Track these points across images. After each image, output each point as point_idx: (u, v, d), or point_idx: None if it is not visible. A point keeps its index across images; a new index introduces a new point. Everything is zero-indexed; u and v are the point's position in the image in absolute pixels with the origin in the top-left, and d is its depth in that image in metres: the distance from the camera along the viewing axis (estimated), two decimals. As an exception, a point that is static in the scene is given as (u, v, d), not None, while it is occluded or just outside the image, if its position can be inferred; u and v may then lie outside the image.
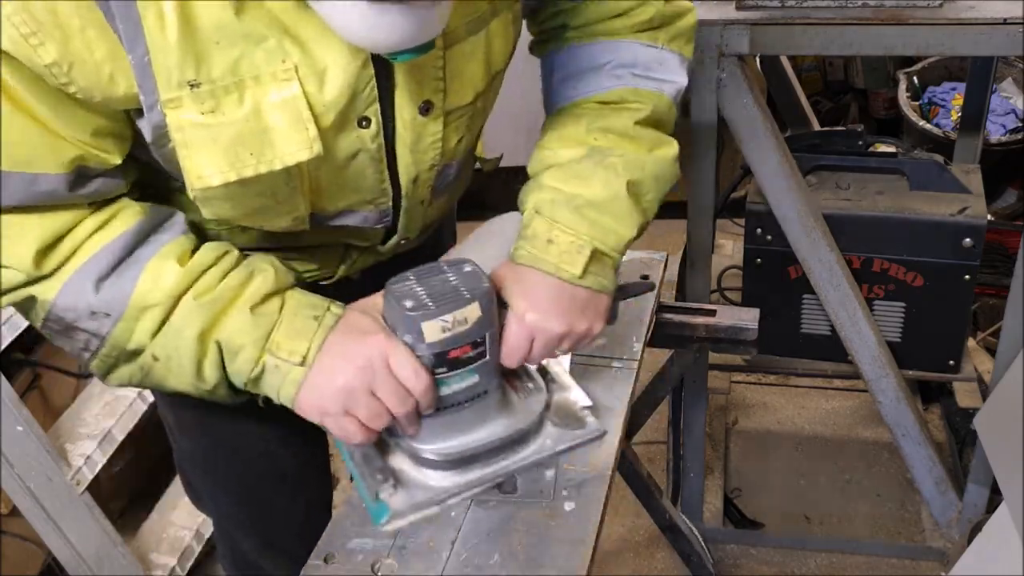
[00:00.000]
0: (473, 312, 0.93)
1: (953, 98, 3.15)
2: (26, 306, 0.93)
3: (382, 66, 0.90)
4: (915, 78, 3.25)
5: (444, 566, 0.98)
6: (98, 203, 0.93)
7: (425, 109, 0.96)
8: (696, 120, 1.70)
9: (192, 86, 0.83)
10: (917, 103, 3.18)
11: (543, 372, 1.12)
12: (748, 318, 1.41)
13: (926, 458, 1.96)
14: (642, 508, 1.73)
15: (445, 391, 0.97)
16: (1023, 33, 1.51)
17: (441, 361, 0.95)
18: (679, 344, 1.46)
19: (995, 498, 1.86)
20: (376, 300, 0.98)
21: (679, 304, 1.50)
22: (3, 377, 1.62)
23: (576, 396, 1.13)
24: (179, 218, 0.97)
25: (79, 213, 0.91)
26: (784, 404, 2.66)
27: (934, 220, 1.79)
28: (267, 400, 0.97)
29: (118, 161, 0.91)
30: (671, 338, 1.44)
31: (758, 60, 2.39)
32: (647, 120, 1.07)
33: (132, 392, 1.92)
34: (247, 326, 0.92)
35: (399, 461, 1.03)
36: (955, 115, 3.07)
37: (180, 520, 2.08)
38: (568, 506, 1.04)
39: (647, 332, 1.34)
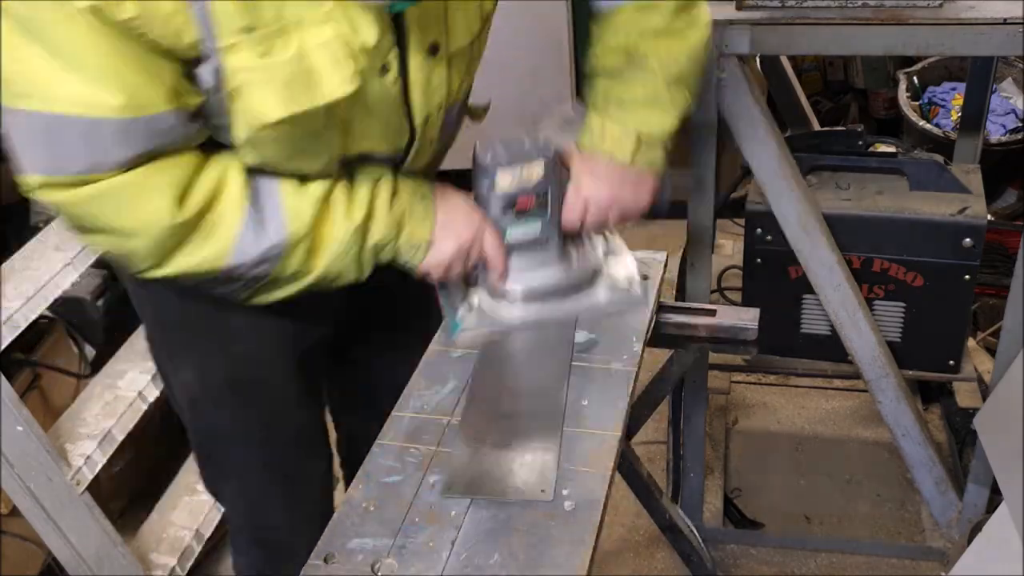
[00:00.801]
0: (537, 169, 1.19)
1: (953, 98, 3.15)
2: (196, 277, 1.07)
3: (392, 18, 1.01)
4: (915, 78, 3.25)
5: (444, 566, 0.98)
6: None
7: (433, 50, 1.08)
8: (696, 120, 1.70)
9: (248, 31, 0.92)
10: (917, 103, 3.18)
11: (605, 242, 1.35)
12: (748, 318, 1.41)
13: (926, 458, 1.96)
14: (642, 508, 1.73)
15: (513, 234, 1.23)
16: (1023, 33, 1.51)
17: (510, 206, 1.21)
18: (679, 344, 1.46)
19: (995, 498, 1.86)
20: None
21: (679, 304, 1.50)
22: (3, 377, 1.62)
23: (628, 266, 1.34)
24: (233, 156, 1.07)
25: (195, 157, 1.01)
26: (784, 404, 2.66)
27: (934, 220, 1.79)
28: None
29: (199, 100, 0.98)
30: (671, 338, 1.44)
31: (758, 60, 2.39)
32: (677, 9, 1.21)
33: (132, 392, 1.92)
34: (387, 226, 1.14)
35: (479, 296, 1.29)
36: (955, 115, 3.07)
37: (180, 520, 2.08)
38: (568, 506, 1.04)
39: (647, 332, 1.34)
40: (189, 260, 1.04)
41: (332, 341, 1.43)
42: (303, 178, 1.10)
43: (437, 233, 1.18)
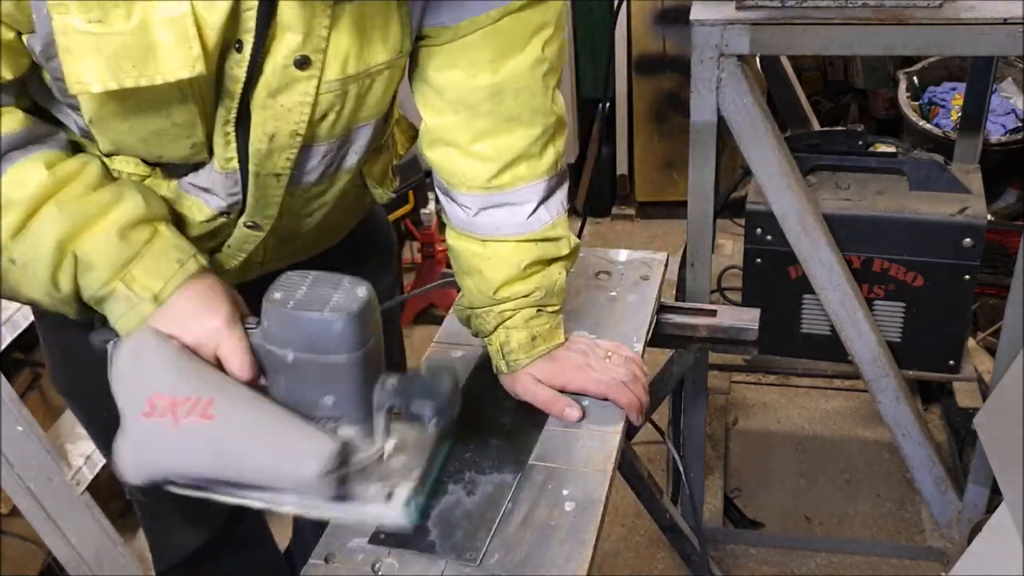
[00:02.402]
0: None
1: (953, 98, 3.15)
2: None
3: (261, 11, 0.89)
4: (915, 78, 3.25)
5: (444, 566, 0.98)
6: None
7: (301, 63, 0.93)
8: (696, 120, 1.70)
9: None
10: (917, 103, 3.18)
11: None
12: (748, 318, 1.41)
13: (926, 458, 1.96)
14: (642, 508, 1.73)
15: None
16: (1023, 33, 1.51)
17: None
18: (679, 344, 1.46)
19: (995, 498, 1.86)
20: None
21: (679, 304, 1.50)
22: (3, 377, 1.62)
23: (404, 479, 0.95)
24: (62, 136, 0.97)
25: None
26: (784, 404, 2.66)
27: (934, 220, 1.79)
28: (103, 321, 0.96)
29: (9, 77, 0.90)
30: (671, 338, 1.44)
31: (758, 60, 2.39)
32: (567, 249, 1.19)
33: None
34: (109, 248, 0.92)
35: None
36: (955, 115, 3.07)
37: (180, 520, 2.08)
38: (568, 506, 1.04)
39: (647, 332, 1.34)
40: None
41: None
42: (160, 166, 1.00)
43: (168, 309, 0.92)
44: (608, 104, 3.38)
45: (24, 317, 1.74)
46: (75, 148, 0.99)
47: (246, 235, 1.09)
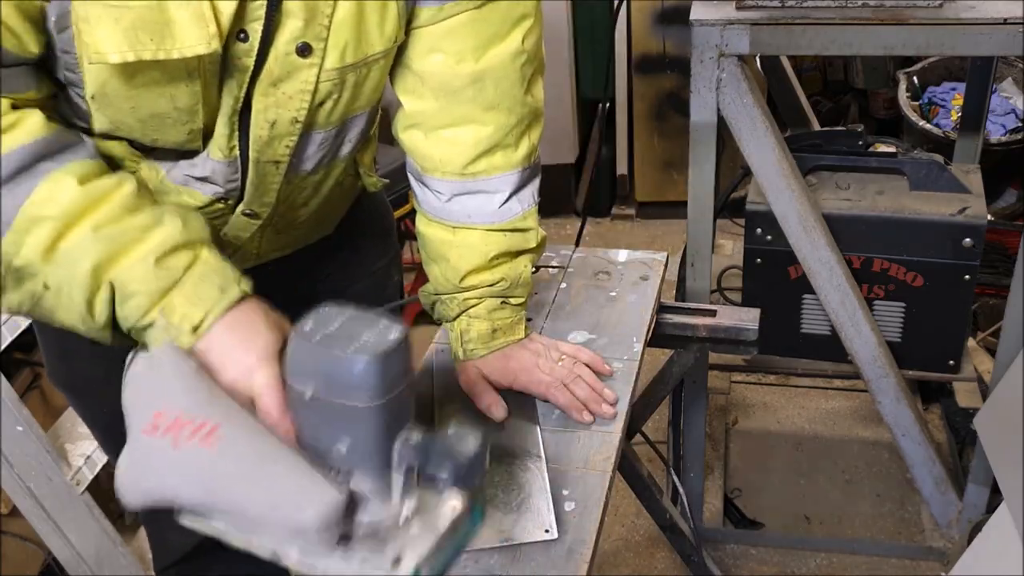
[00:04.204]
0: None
1: (953, 98, 3.15)
2: None
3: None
4: (915, 78, 3.25)
5: (444, 566, 0.97)
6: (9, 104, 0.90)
7: (302, 50, 0.95)
8: (696, 120, 1.70)
9: None
10: (917, 103, 3.18)
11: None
12: (748, 318, 1.41)
13: (926, 458, 1.96)
14: (642, 508, 1.73)
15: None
16: (1023, 33, 1.51)
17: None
18: (679, 344, 1.46)
19: (995, 498, 1.86)
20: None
21: (679, 304, 1.50)
22: (3, 377, 1.62)
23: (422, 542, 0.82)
24: (89, 143, 0.94)
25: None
26: (784, 404, 2.66)
27: (934, 220, 1.79)
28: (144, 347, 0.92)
29: (35, 51, 0.89)
30: (671, 338, 1.44)
31: (758, 60, 2.39)
32: (535, 242, 1.22)
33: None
34: (147, 276, 0.87)
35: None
36: (955, 115, 3.07)
37: (180, 520, 2.08)
38: (568, 506, 1.04)
39: (647, 332, 1.34)
40: None
41: None
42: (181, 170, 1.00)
43: (211, 339, 0.88)
44: (608, 104, 3.38)
45: (24, 317, 1.74)
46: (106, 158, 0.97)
47: (243, 223, 1.10)
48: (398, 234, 1.78)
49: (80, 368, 1.27)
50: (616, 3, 2.87)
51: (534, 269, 1.28)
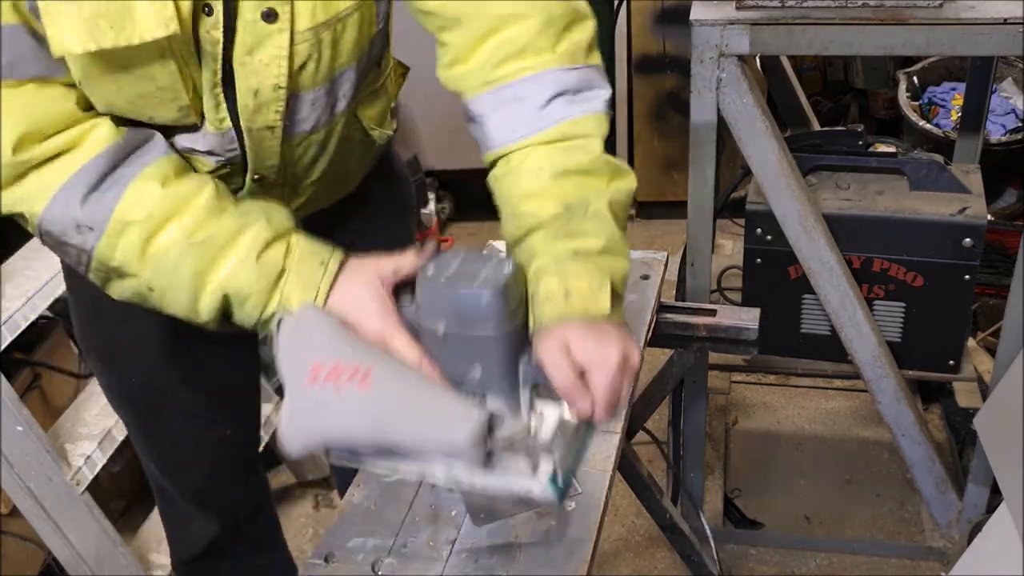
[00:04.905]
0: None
1: (953, 98, 3.15)
2: (20, 220, 0.97)
3: None
4: (915, 78, 3.25)
5: (444, 566, 0.98)
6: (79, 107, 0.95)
7: (268, 16, 0.95)
8: (696, 120, 1.70)
9: None
10: (917, 103, 3.18)
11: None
12: (748, 318, 1.41)
13: (926, 458, 1.96)
14: (642, 508, 1.73)
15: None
16: (1023, 33, 1.51)
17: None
18: (679, 344, 1.46)
19: (995, 498, 1.86)
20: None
21: (679, 304, 1.50)
22: (3, 377, 1.62)
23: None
24: (159, 140, 0.99)
25: (65, 109, 0.94)
26: (784, 404, 2.66)
27: (934, 220, 1.79)
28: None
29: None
30: (671, 338, 1.44)
31: (758, 60, 2.39)
32: (598, 152, 1.02)
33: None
34: (252, 276, 0.94)
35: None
36: (955, 115, 3.07)
37: (180, 520, 2.08)
38: (568, 506, 1.04)
39: (647, 332, 1.34)
40: (8, 196, 0.95)
41: None
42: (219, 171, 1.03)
43: (332, 308, 0.94)
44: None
45: (24, 317, 1.74)
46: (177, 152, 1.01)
47: (255, 189, 1.12)
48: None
49: (114, 334, 1.30)
50: (616, 3, 2.87)
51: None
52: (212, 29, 0.94)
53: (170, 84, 0.96)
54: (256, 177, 1.11)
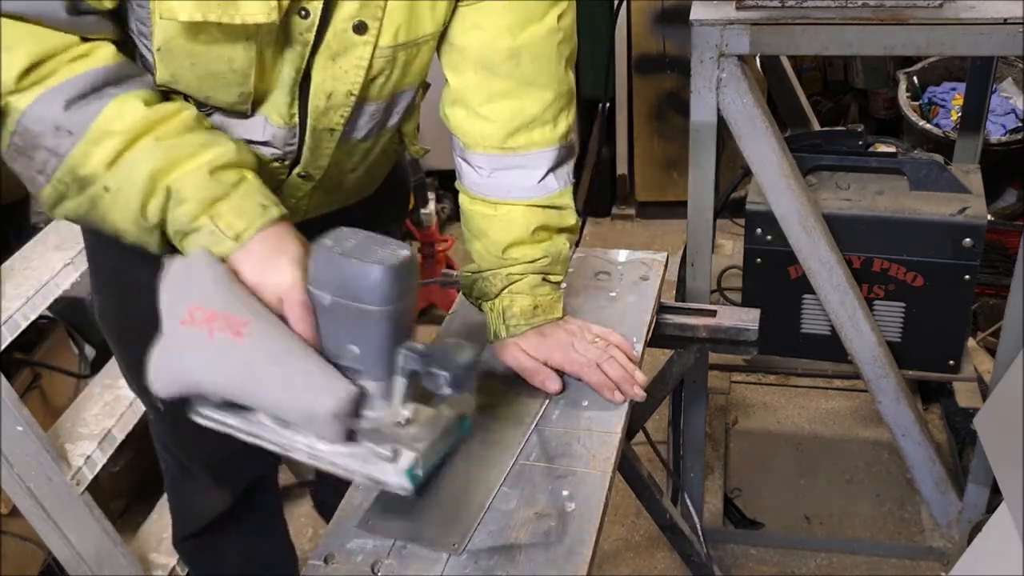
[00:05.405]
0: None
1: (953, 98, 3.15)
2: None
3: None
4: (915, 78, 3.25)
5: (444, 566, 0.98)
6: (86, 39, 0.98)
7: (358, 28, 1.03)
8: (696, 120, 1.70)
9: None
10: (917, 103, 3.18)
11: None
12: (748, 318, 1.41)
13: (926, 458, 1.96)
14: (642, 508, 1.73)
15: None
16: (1023, 33, 1.51)
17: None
18: (679, 344, 1.46)
19: (995, 498, 1.86)
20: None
21: (679, 304, 1.50)
22: (3, 377, 1.62)
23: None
24: (149, 78, 1.03)
25: (68, 40, 0.96)
26: (784, 404, 2.66)
27: (934, 220, 1.79)
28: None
29: (109, 5, 0.98)
30: (671, 338, 1.44)
31: (758, 60, 2.39)
32: (574, 219, 1.26)
33: (132, 392, 1.92)
34: (200, 183, 0.97)
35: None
36: (955, 115, 3.07)
37: (180, 520, 2.08)
38: (568, 506, 1.04)
39: (647, 332, 1.34)
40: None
41: None
42: (215, 110, 1.07)
43: (250, 247, 0.96)
44: (608, 104, 3.38)
45: (24, 317, 1.74)
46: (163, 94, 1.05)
47: (298, 184, 1.19)
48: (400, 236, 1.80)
49: (135, 308, 1.31)
50: (616, 3, 2.86)
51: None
52: (306, 32, 1.01)
53: (243, 68, 1.02)
54: (302, 174, 1.17)
